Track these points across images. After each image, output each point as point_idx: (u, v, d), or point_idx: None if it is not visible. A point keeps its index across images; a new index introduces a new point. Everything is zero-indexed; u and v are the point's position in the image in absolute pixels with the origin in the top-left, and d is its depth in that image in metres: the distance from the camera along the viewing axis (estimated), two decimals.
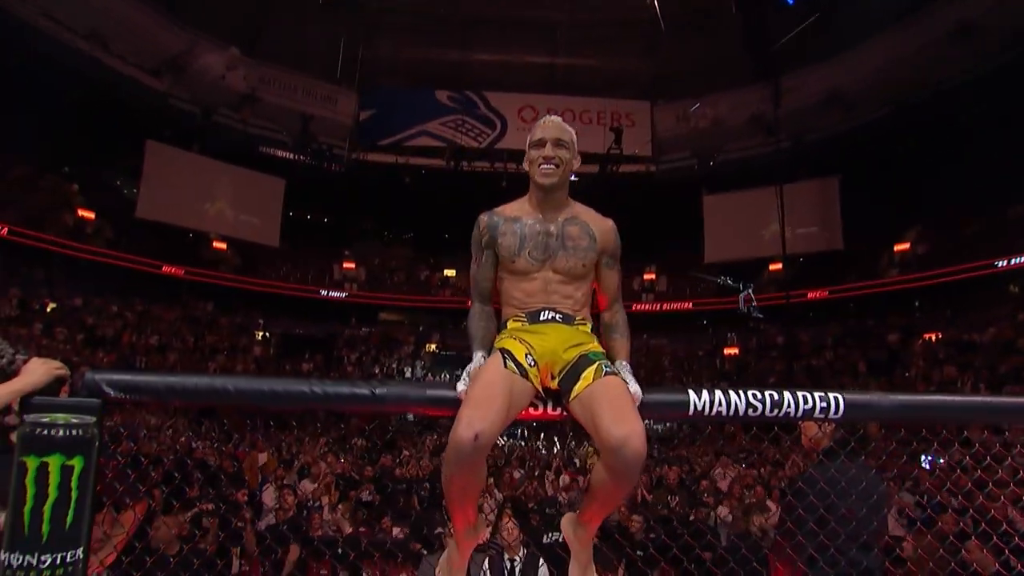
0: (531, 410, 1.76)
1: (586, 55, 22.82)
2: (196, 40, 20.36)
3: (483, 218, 1.91)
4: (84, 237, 19.72)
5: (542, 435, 14.06)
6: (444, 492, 1.68)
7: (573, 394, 1.66)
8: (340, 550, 5.25)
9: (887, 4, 17.65)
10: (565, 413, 1.72)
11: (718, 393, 1.70)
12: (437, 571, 1.90)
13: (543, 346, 1.72)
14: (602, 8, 21.26)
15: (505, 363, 1.66)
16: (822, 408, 1.67)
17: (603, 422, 1.52)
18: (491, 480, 8.37)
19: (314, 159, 22.83)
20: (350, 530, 6.30)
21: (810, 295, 20.58)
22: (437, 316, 23.73)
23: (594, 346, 1.78)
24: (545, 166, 1.84)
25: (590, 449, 10.94)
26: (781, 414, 1.68)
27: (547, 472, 9.45)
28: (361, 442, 11.63)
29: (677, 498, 6.66)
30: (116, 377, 1.64)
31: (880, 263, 20.30)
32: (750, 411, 1.68)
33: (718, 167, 22.90)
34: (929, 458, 7.64)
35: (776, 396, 1.69)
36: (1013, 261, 16.50)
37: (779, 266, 20.25)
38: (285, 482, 7.33)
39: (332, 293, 23.12)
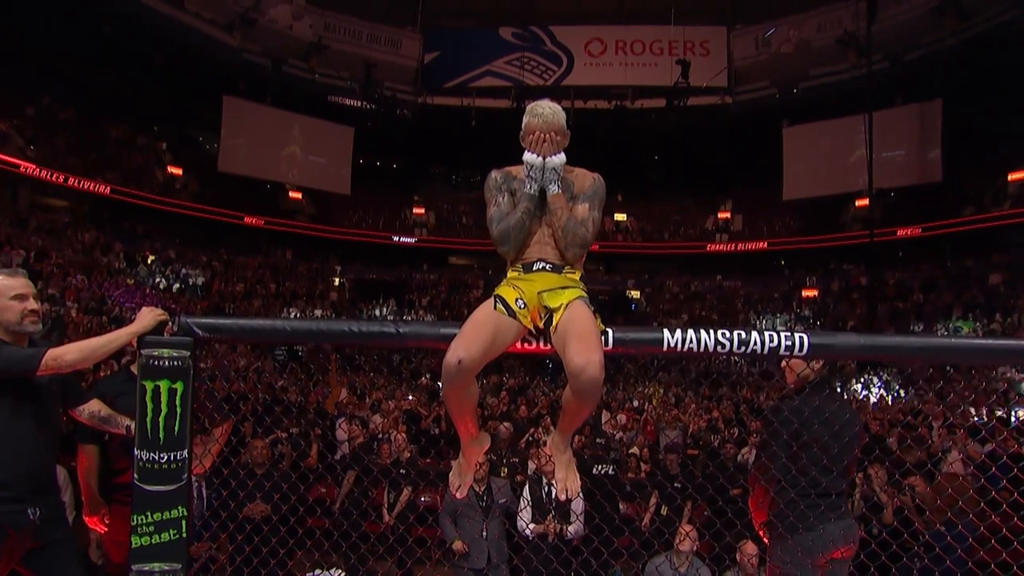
0: (526, 345, 2.01)
1: None
2: None
3: (495, 173, 2.10)
4: (174, 192, 21.13)
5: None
6: (445, 407, 1.98)
7: (552, 328, 1.88)
8: (404, 472, 5.60)
9: None
10: (551, 346, 1.92)
11: (690, 332, 1.81)
12: (451, 475, 2.22)
13: (531, 290, 1.93)
14: None
15: (495, 306, 1.90)
16: (787, 346, 1.75)
17: (569, 352, 1.74)
18: (548, 419, 8.69)
19: (380, 106, 23.09)
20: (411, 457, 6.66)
21: (900, 232, 19.10)
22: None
23: (575, 292, 1.94)
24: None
25: (648, 391, 10.98)
26: (748, 351, 1.78)
27: (605, 412, 9.55)
28: (427, 381, 12.17)
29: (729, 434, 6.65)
30: (202, 320, 2.07)
31: (986, 196, 18.47)
32: (719, 348, 1.78)
33: (800, 96, 21.23)
34: None
35: (744, 335, 1.77)
36: None
37: (865, 202, 18.83)
38: (358, 414, 7.81)
39: (403, 238, 23.76)
